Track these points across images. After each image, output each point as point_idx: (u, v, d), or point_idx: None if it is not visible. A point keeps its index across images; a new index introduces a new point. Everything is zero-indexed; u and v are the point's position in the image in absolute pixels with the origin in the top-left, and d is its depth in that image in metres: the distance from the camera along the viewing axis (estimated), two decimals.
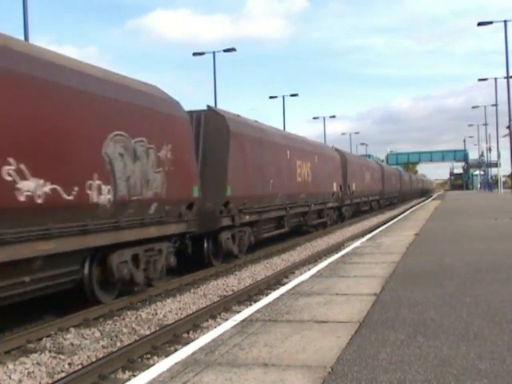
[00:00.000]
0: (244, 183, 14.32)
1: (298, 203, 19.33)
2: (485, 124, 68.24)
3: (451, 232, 15.45)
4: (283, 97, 46.97)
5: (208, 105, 14.04)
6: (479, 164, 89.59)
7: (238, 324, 5.69)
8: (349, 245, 15.40)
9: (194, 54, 34.79)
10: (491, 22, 33.73)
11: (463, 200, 44.01)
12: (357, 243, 14.02)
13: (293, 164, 18.89)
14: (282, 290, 7.58)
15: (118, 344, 7.32)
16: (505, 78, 35.78)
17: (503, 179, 78.84)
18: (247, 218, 14.52)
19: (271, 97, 47.54)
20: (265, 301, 6.93)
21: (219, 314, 8.77)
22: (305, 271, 11.11)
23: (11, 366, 6.40)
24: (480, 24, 33.90)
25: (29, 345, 7.14)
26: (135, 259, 9.51)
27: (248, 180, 14.63)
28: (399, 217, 26.38)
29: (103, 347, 7.21)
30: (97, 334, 7.79)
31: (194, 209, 11.40)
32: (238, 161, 13.98)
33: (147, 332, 7.82)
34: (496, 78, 46.78)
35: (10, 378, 6.07)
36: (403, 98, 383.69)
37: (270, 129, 18.31)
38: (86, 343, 7.35)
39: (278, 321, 5.75)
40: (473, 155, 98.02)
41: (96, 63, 9.19)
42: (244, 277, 12.55)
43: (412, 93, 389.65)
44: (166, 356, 5.46)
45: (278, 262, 14.86)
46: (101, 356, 6.71)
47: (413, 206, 41.56)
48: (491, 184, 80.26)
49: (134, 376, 5.52)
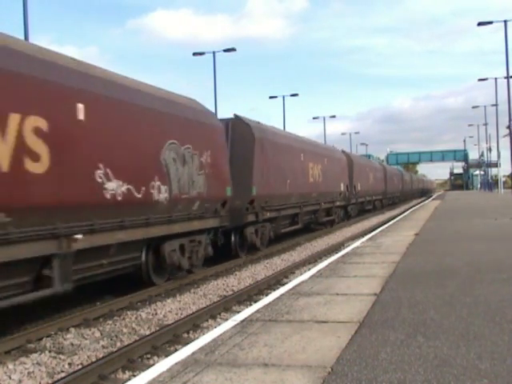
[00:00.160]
0: (266, 183, 16.01)
1: (310, 202, 20.92)
2: (485, 124, 68.27)
3: (451, 232, 15.45)
4: (283, 97, 47.05)
5: (235, 114, 15.58)
6: (479, 164, 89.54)
7: (238, 324, 5.69)
8: (349, 245, 15.40)
9: (194, 54, 34.81)
10: (491, 22, 33.73)
11: (463, 200, 44.00)
12: (357, 243, 14.02)
13: (306, 166, 20.57)
14: (282, 290, 7.57)
15: (118, 344, 7.32)
16: (505, 78, 35.80)
17: (503, 179, 78.82)
18: (268, 215, 16.19)
19: (271, 97, 47.60)
20: (265, 301, 6.93)
21: (219, 314, 8.77)
22: (305, 271, 11.11)
23: (11, 366, 6.40)
24: (480, 24, 33.90)
25: (29, 345, 7.14)
26: (181, 248, 11.13)
27: (269, 181, 16.33)
28: (399, 217, 26.38)
29: (103, 347, 7.21)
30: (97, 334, 7.79)
31: (227, 206, 13.12)
32: (261, 163, 15.72)
33: (147, 332, 7.82)
34: (496, 78, 46.82)
35: (10, 378, 6.07)
36: (403, 98, 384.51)
37: (286, 134, 20.62)
38: (86, 343, 7.35)
39: (278, 321, 5.75)
40: (473, 155, 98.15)
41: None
42: (244, 277, 12.55)
43: (412, 93, 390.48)
44: (166, 356, 5.46)
45: (278, 262, 14.86)
46: (101, 356, 6.71)
47: (413, 206, 41.58)
48: (491, 184, 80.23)
49: (134, 376, 5.52)
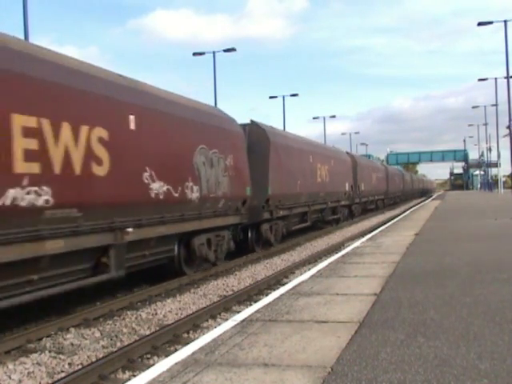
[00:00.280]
0: (280, 184, 17.15)
1: (318, 201, 22.12)
2: (485, 124, 68.28)
3: (451, 232, 15.45)
4: (283, 97, 47.05)
5: (251, 119, 16.72)
6: (479, 164, 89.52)
7: (238, 324, 5.69)
8: (349, 245, 15.40)
9: (194, 54, 34.80)
10: (491, 22, 33.73)
11: (463, 200, 44.01)
12: (357, 243, 14.01)
13: (314, 167, 21.84)
14: (282, 290, 7.57)
15: (118, 344, 7.32)
16: (505, 78, 35.80)
17: (503, 179, 78.80)
18: (281, 213, 17.35)
19: (271, 97, 47.60)
20: (265, 301, 6.92)
21: (219, 314, 8.77)
22: (305, 271, 11.11)
23: (11, 366, 6.40)
24: (480, 24, 33.89)
25: (29, 345, 7.14)
26: (208, 242, 12.33)
27: (282, 181, 17.48)
28: (399, 217, 26.39)
29: (103, 347, 7.21)
30: (97, 334, 7.79)
31: (246, 204, 14.32)
32: (276, 165, 16.91)
33: (147, 332, 7.82)
34: (496, 78, 46.85)
35: (10, 378, 6.07)
36: (403, 98, 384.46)
37: (297, 137, 21.74)
38: (86, 343, 7.35)
39: (278, 321, 5.75)
40: (473, 155, 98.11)
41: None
42: (244, 277, 12.55)
43: (412, 93, 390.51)
44: (166, 356, 5.46)
45: (278, 262, 14.86)
46: (101, 356, 6.71)
47: (413, 206, 41.59)
48: (491, 184, 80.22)
49: (134, 376, 5.52)
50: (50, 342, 7.38)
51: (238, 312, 7.41)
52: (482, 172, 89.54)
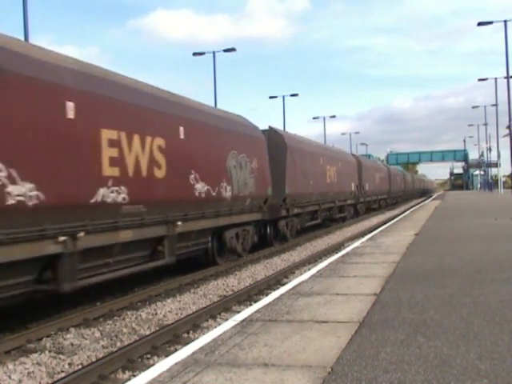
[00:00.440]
0: (295, 184, 18.74)
1: (327, 200, 23.86)
2: (485, 124, 68.27)
3: (451, 232, 15.45)
4: (283, 97, 47.08)
5: (270, 125, 18.31)
6: (479, 164, 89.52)
7: (238, 324, 5.69)
8: (349, 245, 15.40)
9: (194, 54, 34.81)
10: (491, 22, 33.73)
11: (463, 200, 44.01)
12: (357, 243, 14.02)
13: (324, 168, 23.55)
14: (282, 290, 7.57)
15: (118, 344, 7.32)
16: (505, 78, 35.81)
17: (503, 179, 78.80)
18: (296, 211, 19.01)
19: (271, 97, 47.64)
20: (265, 301, 6.92)
21: (219, 314, 8.77)
22: (305, 271, 11.11)
23: (11, 366, 6.40)
24: (480, 24, 33.89)
25: (29, 345, 7.14)
26: (237, 236, 14.08)
27: (297, 181, 19.11)
28: (399, 217, 26.38)
29: (103, 347, 7.21)
30: (97, 334, 7.79)
31: (268, 203, 16.08)
32: (292, 167, 18.53)
33: (147, 332, 7.82)
34: (496, 78, 46.86)
35: (10, 378, 6.07)
36: (404, 98, 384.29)
37: (309, 141, 23.87)
38: (86, 343, 7.34)
39: (278, 321, 5.75)
40: (473, 155, 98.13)
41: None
42: (244, 277, 12.55)
43: (412, 93, 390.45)
44: (166, 356, 5.46)
45: (278, 262, 14.86)
46: (101, 356, 6.71)
47: (413, 206, 41.60)
48: (491, 184, 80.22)
49: (134, 376, 5.51)
50: (50, 342, 7.38)
51: (238, 312, 7.41)
52: (482, 172, 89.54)
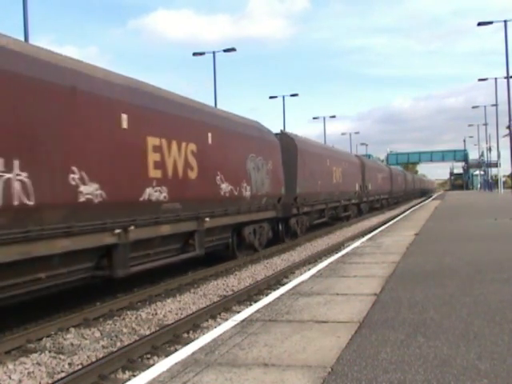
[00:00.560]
0: (305, 184, 20.10)
1: (333, 199, 25.29)
2: (485, 124, 68.26)
3: (451, 232, 15.45)
4: (283, 97, 47.02)
5: (281, 129, 19.86)
6: (479, 164, 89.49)
7: (238, 324, 5.69)
8: (349, 245, 15.40)
9: (194, 54, 34.77)
10: (491, 22, 33.71)
11: (463, 200, 44.00)
12: (357, 243, 14.01)
13: (331, 169, 25.08)
14: (282, 290, 7.57)
15: (118, 344, 7.32)
16: (505, 78, 35.79)
17: (503, 179, 78.79)
18: (305, 209, 20.49)
19: (271, 97, 47.56)
20: (265, 301, 6.92)
21: (219, 314, 8.77)
22: (305, 271, 11.11)
23: (11, 366, 6.40)
24: (480, 24, 33.87)
25: (29, 345, 7.14)
26: (254, 232, 15.40)
27: (307, 182, 20.47)
28: (399, 217, 26.37)
29: (103, 347, 7.21)
30: (97, 334, 7.79)
31: (281, 201, 17.38)
32: (302, 168, 19.87)
33: (147, 332, 7.82)
34: (496, 78, 46.82)
35: (10, 378, 6.07)
36: (404, 98, 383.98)
37: (317, 143, 25.97)
38: (86, 343, 7.35)
39: (278, 321, 5.75)
40: (473, 155, 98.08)
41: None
42: (244, 277, 12.55)
43: (412, 93, 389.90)
44: (166, 356, 5.46)
45: (278, 262, 14.86)
46: (101, 356, 6.71)
47: (413, 206, 41.60)
48: (491, 184, 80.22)
49: (134, 376, 5.51)
50: (50, 342, 7.38)
51: (238, 312, 7.41)
52: (482, 172, 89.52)
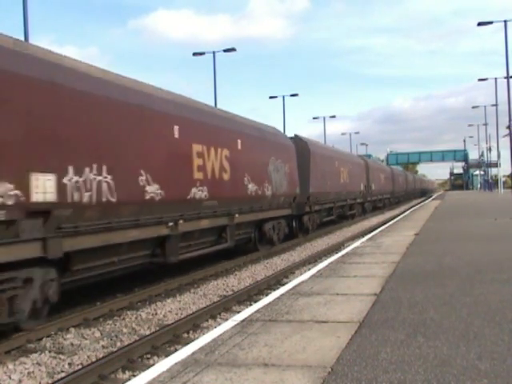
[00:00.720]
0: (317, 184, 21.85)
1: (341, 198, 26.92)
2: (485, 124, 68.21)
3: (451, 232, 15.45)
4: (283, 97, 46.96)
5: (295, 134, 21.42)
6: (479, 164, 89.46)
7: (238, 324, 5.69)
8: (349, 245, 15.40)
9: (194, 54, 34.74)
10: (491, 22, 33.67)
11: (463, 200, 44.00)
12: (357, 243, 14.01)
13: (338, 170, 26.79)
14: (282, 290, 7.57)
15: (118, 344, 7.32)
16: (505, 78, 35.76)
17: (503, 179, 78.78)
18: (316, 207, 22.11)
19: (271, 97, 47.48)
20: (265, 301, 6.92)
21: (219, 314, 8.77)
22: (305, 271, 11.11)
23: (11, 366, 6.40)
24: (480, 24, 33.83)
25: (29, 345, 7.14)
26: (273, 227, 16.93)
27: (318, 182, 22.18)
28: (399, 217, 26.38)
29: (103, 347, 7.21)
30: (97, 334, 7.79)
31: (296, 200, 19.06)
32: (314, 170, 21.62)
33: (147, 332, 7.82)
34: (496, 78, 46.76)
35: (10, 378, 6.07)
36: (404, 98, 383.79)
37: (327, 146, 29.09)
38: (86, 343, 7.35)
39: (278, 321, 5.75)
40: (473, 155, 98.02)
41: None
42: (244, 277, 12.55)
43: (412, 93, 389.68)
44: (166, 356, 5.46)
45: (278, 262, 14.86)
46: (101, 356, 6.71)
47: (413, 206, 41.61)
48: (491, 184, 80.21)
49: (134, 376, 5.51)
50: (50, 342, 7.38)
51: (238, 312, 7.41)
52: (482, 172, 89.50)
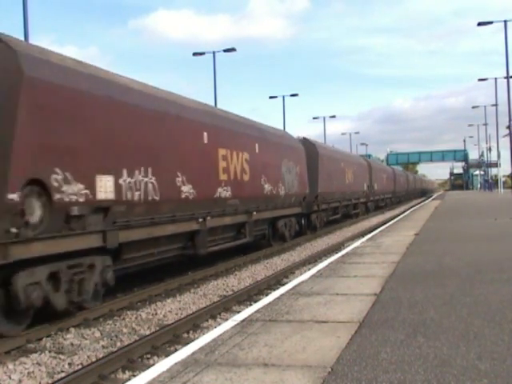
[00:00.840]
0: (324, 184, 23.20)
1: (346, 198, 28.21)
2: (485, 124, 68.22)
3: (451, 232, 15.45)
4: (283, 97, 46.93)
5: (304, 137, 23.06)
6: (479, 164, 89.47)
7: (238, 324, 5.69)
8: (349, 245, 15.40)
9: (195, 54, 34.72)
10: (491, 22, 33.68)
11: (463, 200, 44.01)
12: (357, 243, 14.02)
13: (344, 171, 28.13)
14: (282, 290, 7.57)
15: (118, 344, 7.31)
16: (505, 78, 35.76)
17: (503, 179, 78.78)
18: (323, 206, 23.38)
19: (271, 97, 47.47)
20: (265, 301, 6.92)
21: (219, 314, 8.77)
22: (305, 271, 11.11)
23: (11, 366, 6.40)
24: (480, 24, 33.84)
25: (29, 345, 7.14)
26: (285, 225, 18.15)
27: (326, 182, 23.52)
28: (399, 217, 26.39)
29: (103, 347, 7.21)
30: (97, 334, 7.79)
31: (306, 200, 20.48)
32: (322, 171, 23.00)
33: (147, 332, 7.82)
34: (496, 78, 46.77)
35: (10, 378, 6.07)
36: (404, 98, 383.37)
37: (333, 148, 31.01)
38: (86, 343, 7.34)
39: (278, 321, 5.75)
40: (473, 155, 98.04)
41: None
42: (244, 277, 12.55)
43: (413, 93, 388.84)
44: (166, 356, 5.46)
45: (278, 262, 14.86)
46: (101, 356, 6.71)
47: (413, 206, 41.61)
48: (491, 184, 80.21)
49: (134, 376, 5.51)
50: (50, 342, 7.38)
51: (238, 312, 7.41)
52: (482, 172, 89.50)
